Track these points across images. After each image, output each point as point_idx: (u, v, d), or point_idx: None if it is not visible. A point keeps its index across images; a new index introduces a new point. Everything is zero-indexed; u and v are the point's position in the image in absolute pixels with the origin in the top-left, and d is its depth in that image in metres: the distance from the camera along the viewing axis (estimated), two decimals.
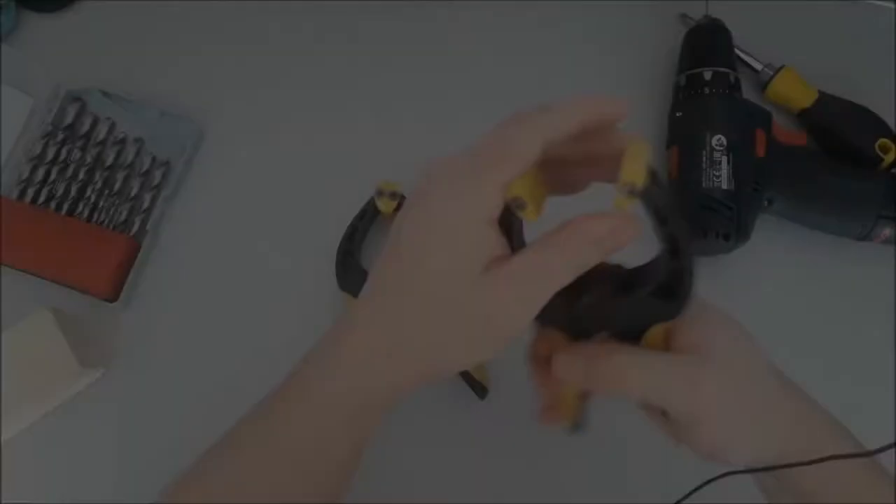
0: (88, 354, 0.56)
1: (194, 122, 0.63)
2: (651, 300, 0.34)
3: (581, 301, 0.35)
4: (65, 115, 0.63)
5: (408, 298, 0.32)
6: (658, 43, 0.68)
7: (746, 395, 0.35)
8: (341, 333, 0.34)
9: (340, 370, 0.34)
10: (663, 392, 0.35)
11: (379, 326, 0.33)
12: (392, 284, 0.33)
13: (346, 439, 0.35)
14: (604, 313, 0.35)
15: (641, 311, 0.35)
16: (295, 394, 0.35)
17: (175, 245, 0.62)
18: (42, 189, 0.61)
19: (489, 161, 0.31)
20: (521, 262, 0.31)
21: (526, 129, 0.31)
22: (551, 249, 0.31)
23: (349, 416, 0.34)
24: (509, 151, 0.30)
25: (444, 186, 0.31)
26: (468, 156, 0.31)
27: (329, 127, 0.65)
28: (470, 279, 0.31)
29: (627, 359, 0.35)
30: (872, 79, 0.67)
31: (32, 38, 0.66)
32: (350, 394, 0.34)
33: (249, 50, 0.67)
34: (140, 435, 0.57)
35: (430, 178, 0.32)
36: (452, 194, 0.31)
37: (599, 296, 0.35)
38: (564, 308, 0.35)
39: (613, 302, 0.35)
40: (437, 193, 0.31)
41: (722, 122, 0.59)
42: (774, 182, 0.59)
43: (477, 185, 0.30)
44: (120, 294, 0.58)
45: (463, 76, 0.67)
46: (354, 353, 0.33)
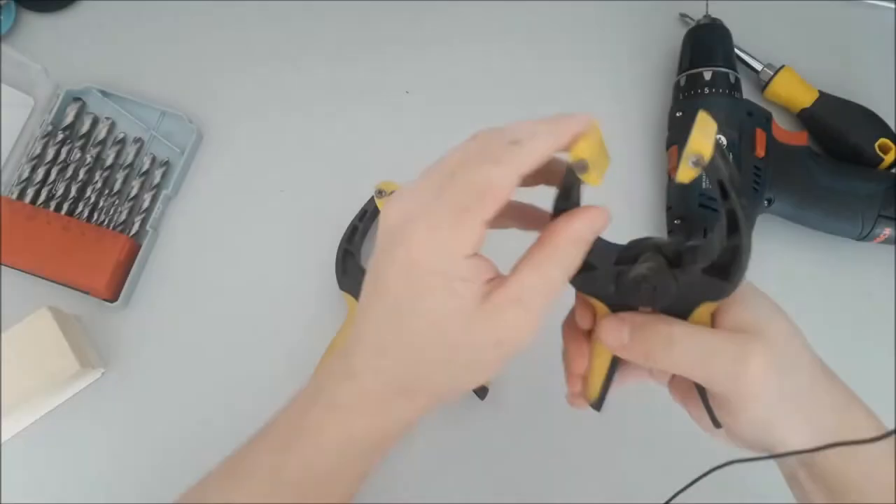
0: (88, 354, 0.56)
1: (194, 122, 0.63)
2: (705, 277, 0.34)
3: (633, 271, 0.35)
4: (65, 115, 0.63)
5: (409, 342, 0.32)
6: (658, 43, 0.68)
7: (794, 378, 0.35)
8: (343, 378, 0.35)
9: (353, 414, 0.34)
10: (710, 366, 0.34)
11: (385, 373, 0.33)
12: (388, 331, 0.33)
13: (357, 474, 0.37)
14: (654, 286, 0.35)
15: (693, 287, 0.35)
16: (308, 432, 0.35)
17: (175, 245, 0.62)
18: (42, 189, 0.61)
19: (469, 204, 0.30)
20: (521, 284, 0.32)
21: (503, 170, 0.31)
22: (546, 263, 0.32)
23: (362, 453, 0.36)
24: (489, 194, 0.30)
25: (423, 232, 0.31)
26: (443, 199, 0.31)
27: (329, 127, 0.65)
28: (471, 313, 0.31)
29: (676, 329, 0.35)
30: (872, 79, 0.67)
31: (32, 38, 0.66)
32: (366, 435, 0.35)
33: (249, 50, 0.67)
34: (139, 435, 0.57)
35: (407, 223, 0.31)
36: (435, 240, 0.31)
37: (653, 267, 0.34)
38: (612, 278, 0.35)
39: (666, 275, 0.34)
40: (418, 239, 0.31)
41: (722, 122, 0.58)
42: (774, 182, 0.59)
43: (460, 229, 0.31)
44: (120, 294, 0.58)
45: (463, 75, 0.67)
46: (364, 398, 0.34)
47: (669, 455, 0.55)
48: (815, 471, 0.37)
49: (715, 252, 0.34)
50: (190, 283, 0.61)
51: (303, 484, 0.35)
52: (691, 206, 0.58)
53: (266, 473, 0.35)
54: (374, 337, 0.33)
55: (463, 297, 0.31)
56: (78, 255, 0.58)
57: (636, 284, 0.35)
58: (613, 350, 0.37)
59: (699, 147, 0.30)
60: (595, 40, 0.68)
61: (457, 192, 0.31)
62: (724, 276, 0.34)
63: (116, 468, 0.56)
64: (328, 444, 0.35)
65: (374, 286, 0.33)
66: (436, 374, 0.33)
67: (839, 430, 0.35)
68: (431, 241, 0.31)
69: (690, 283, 0.34)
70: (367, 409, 0.34)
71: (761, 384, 0.34)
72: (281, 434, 0.36)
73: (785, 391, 0.35)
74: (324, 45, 0.68)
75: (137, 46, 0.67)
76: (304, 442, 0.35)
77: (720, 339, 0.35)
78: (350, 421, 0.35)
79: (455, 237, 0.31)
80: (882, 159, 0.61)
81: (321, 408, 0.35)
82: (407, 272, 0.31)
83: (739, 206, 0.32)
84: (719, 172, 0.31)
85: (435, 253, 0.31)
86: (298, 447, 0.35)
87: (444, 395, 0.35)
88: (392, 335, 0.33)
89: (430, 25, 0.69)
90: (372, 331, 0.33)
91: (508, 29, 0.68)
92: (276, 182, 0.63)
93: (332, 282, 0.59)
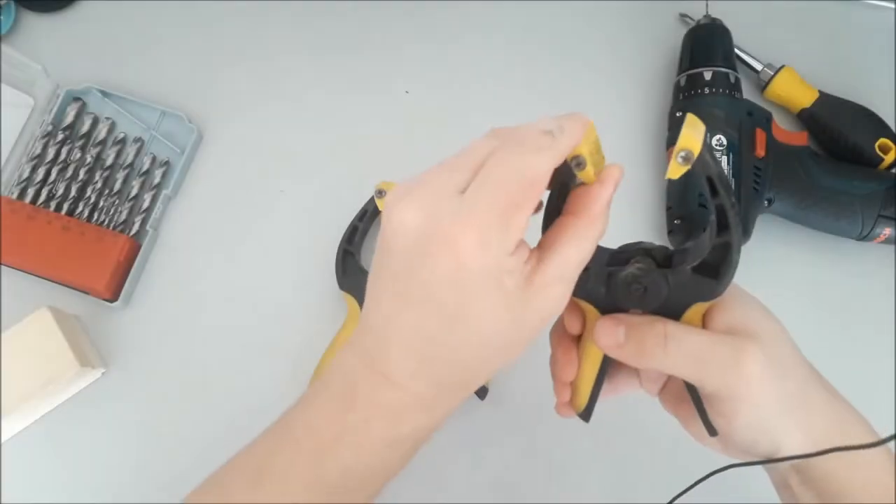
0: (88, 354, 0.56)
1: (194, 122, 0.63)
2: (695, 276, 0.34)
3: (624, 272, 0.35)
4: (65, 115, 0.63)
5: (457, 346, 0.32)
6: (658, 43, 0.68)
7: (787, 380, 0.35)
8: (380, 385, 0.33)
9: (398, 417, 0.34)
10: (705, 365, 0.34)
11: (432, 378, 0.33)
12: (433, 339, 0.32)
13: (393, 472, 0.36)
14: (645, 286, 0.35)
15: (684, 287, 0.35)
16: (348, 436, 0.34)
17: (175, 245, 0.62)
18: (42, 189, 0.61)
19: (518, 200, 0.30)
20: (564, 260, 0.32)
21: (544, 157, 0.30)
22: (584, 235, 0.32)
23: (403, 453, 0.36)
24: (535, 184, 0.30)
25: (472, 237, 0.29)
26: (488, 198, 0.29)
27: (329, 127, 0.65)
28: (518, 301, 0.31)
29: (671, 328, 0.35)
30: (872, 79, 0.67)
31: (32, 38, 0.66)
32: (410, 435, 0.35)
33: (249, 50, 0.67)
34: (140, 435, 0.57)
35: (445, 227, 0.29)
36: (486, 244, 0.29)
37: (643, 268, 0.35)
38: (603, 280, 0.35)
39: (656, 275, 0.35)
40: (467, 245, 0.29)
41: (722, 122, 0.59)
42: (774, 182, 0.59)
43: (510, 228, 0.30)
44: (120, 294, 0.58)
45: (463, 75, 0.67)
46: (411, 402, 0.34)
47: (670, 458, 0.55)
48: (807, 476, 0.37)
49: (705, 250, 0.34)
50: (190, 283, 0.61)
51: (340, 486, 0.35)
52: (691, 206, 0.58)
53: (301, 478, 0.34)
54: (415, 346, 0.32)
55: (510, 290, 0.31)
56: (78, 255, 0.58)
57: (626, 286, 0.35)
58: (609, 351, 0.36)
59: (688, 143, 0.30)
60: (595, 40, 0.68)
61: (498, 188, 0.30)
62: (714, 275, 0.34)
63: (116, 468, 0.56)
64: (372, 447, 0.34)
65: (406, 293, 0.31)
66: (484, 368, 0.34)
67: (831, 433, 0.36)
68: (482, 248, 0.29)
69: (681, 283, 0.35)
70: (414, 411, 0.34)
71: (757, 383, 0.34)
72: (313, 437, 0.35)
73: (779, 392, 0.35)
74: (324, 46, 0.67)
75: (137, 46, 0.67)
76: (345, 446, 0.34)
77: (715, 338, 0.35)
78: (396, 424, 0.34)
79: (506, 238, 0.30)
80: (882, 159, 0.61)
81: (362, 411, 0.34)
82: (454, 279, 0.30)
83: (729, 203, 0.32)
84: (708, 168, 0.31)
85: (486, 256, 0.29)
86: (340, 451, 0.34)
87: (490, 376, 0.35)
88: (439, 343, 0.32)
89: (431, 25, 0.69)
90: (411, 340, 0.32)
91: (509, 29, 0.68)
92: (276, 182, 0.63)
93: (332, 282, 0.59)
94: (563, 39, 0.68)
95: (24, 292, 0.58)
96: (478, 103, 0.65)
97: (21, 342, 0.53)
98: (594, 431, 0.56)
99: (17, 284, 0.59)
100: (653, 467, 0.56)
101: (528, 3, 0.69)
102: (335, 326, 0.58)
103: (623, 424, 0.56)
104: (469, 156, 0.31)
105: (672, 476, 0.39)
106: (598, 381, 0.38)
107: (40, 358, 0.53)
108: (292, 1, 0.68)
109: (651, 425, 0.56)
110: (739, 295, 0.36)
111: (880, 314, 0.61)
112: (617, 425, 0.56)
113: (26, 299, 0.57)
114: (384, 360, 0.33)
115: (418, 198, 0.30)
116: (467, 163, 0.30)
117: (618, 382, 0.41)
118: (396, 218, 0.30)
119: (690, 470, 0.38)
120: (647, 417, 0.55)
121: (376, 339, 0.33)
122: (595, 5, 0.69)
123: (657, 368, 0.36)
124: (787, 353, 0.36)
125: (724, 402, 0.35)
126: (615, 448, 0.57)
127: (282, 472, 0.35)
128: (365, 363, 0.34)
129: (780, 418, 0.35)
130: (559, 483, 0.56)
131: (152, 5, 0.68)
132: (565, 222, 0.33)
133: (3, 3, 0.65)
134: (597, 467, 0.57)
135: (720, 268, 0.34)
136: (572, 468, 0.56)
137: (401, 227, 0.30)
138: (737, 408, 0.35)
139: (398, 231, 0.30)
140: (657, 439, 0.56)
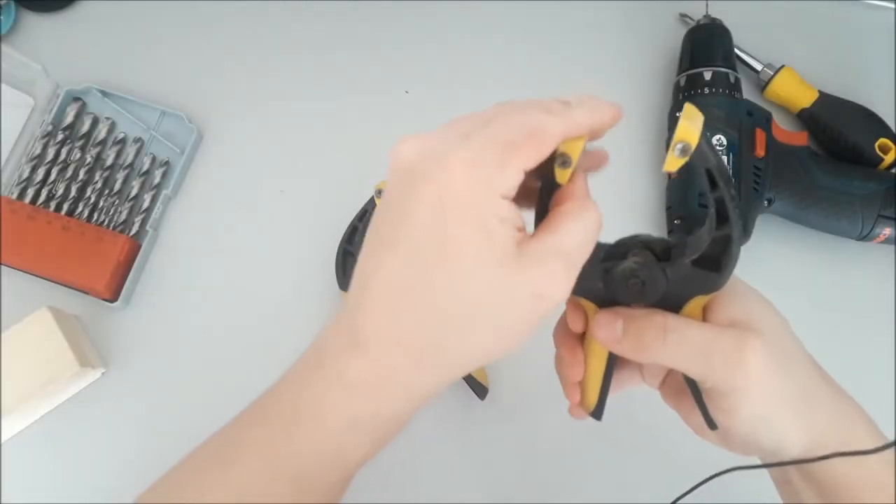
0: (88, 354, 0.56)
1: (194, 122, 0.63)
2: (694, 270, 0.34)
3: (621, 266, 0.34)
4: (65, 115, 0.63)
5: (430, 299, 0.28)
6: (658, 43, 0.68)
7: (790, 374, 0.35)
8: (348, 349, 0.30)
9: (361, 392, 0.30)
10: (707, 358, 0.33)
11: (399, 340, 0.29)
12: (406, 286, 0.28)
13: (361, 457, 0.33)
14: (643, 280, 0.34)
15: (683, 281, 0.34)
16: (309, 413, 0.31)
17: (175, 245, 0.62)
18: (42, 189, 0.61)
19: (518, 141, 0.28)
20: (568, 234, 0.30)
21: (555, 118, 0.29)
22: (579, 215, 0.30)
23: (369, 436, 0.32)
24: (540, 135, 0.28)
25: (461, 166, 0.27)
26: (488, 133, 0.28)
27: (329, 127, 0.65)
28: (506, 259, 0.28)
29: (671, 320, 0.34)
30: (872, 79, 0.67)
31: (32, 38, 0.66)
32: (375, 415, 0.31)
33: (249, 50, 0.67)
34: (140, 435, 0.57)
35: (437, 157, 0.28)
36: (476, 175, 0.27)
37: (640, 262, 0.34)
38: (600, 275, 0.35)
39: (655, 268, 0.34)
40: (454, 173, 0.27)
41: (722, 122, 0.59)
42: (774, 182, 0.59)
43: (505, 165, 0.28)
44: (120, 294, 0.58)
45: (463, 76, 0.67)
46: (374, 373, 0.30)
47: (671, 459, 0.55)
48: (808, 472, 0.36)
49: (704, 243, 0.33)
50: (190, 283, 0.61)
51: (303, 469, 0.32)
52: (691, 206, 0.58)
53: (262, 459, 0.32)
54: (385, 296, 0.29)
55: (498, 240, 0.28)
56: (78, 255, 0.58)
57: (624, 279, 0.34)
58: (607, 345, 0.36)
59: (686, 135, 0.29)
60: (595, 40, 0.68)
61: (505, 127, 0.28)
62: (714, 268, 0.33)
63: (116, 468, 0.56)
64: (332, 426, 0.31)
65: (384, 236, 0.29)
66: (459, 337, 0.29)
67: (834, 429, 0.35)
68: (472, 176, 0.27)
69: (680, 276, 0.34)
70: (377, 385, 0.30)
71: (760, 376, 0.33)
72: (277, 415, 0.32)
73: (781, 386, 0.34)
74: (324, 46, 0.68)
75: (137, 46, 0.67)
76: (306, 424, 0.31)
77: (716, 331, 0.34)
78: (357, 400, 0.31)
79: (499, 174, 0.28)
80: (882, 159, 0.61)
81: (324, 385, 0.31)
82: (435, 210, 0.27)
83: (729, 195, 0.31)
84: (707, 160, 0.30)
85: (474, 189, 0.27)
86: (299, 430, 0.31)
87: (466, 364, 0.31)
88: (410, 291, 0.28)
89: (431, 25, 0.69)
90: (383, 289, 0.29)
91: (509, 29, 0.68)
92: (276, 182, 0.63)
93: (332, 282, 0.59)
94: (562, 39, 0.68)
95: (24, 292, 0.58)
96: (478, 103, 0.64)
97: (21, 342, 0.53)
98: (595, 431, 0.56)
99: (17, 284, 0.59)
100: (654, 467, 0.56)
101: (528, 3, 0.69)
102: None
103: (624, 424, 0.56)
104: (479, 114, 0.30)
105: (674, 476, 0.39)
106: (607, 378, 0.38)
107: (40, 358, 0.53)
108: (292, 1, 0.68)
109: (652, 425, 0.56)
110: (741, 288, 0.36)
111: (880, 314, 0.61)
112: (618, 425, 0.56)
113: (26, 299, 0.57)
114: (358, 320, 0.30)
115: (421, 137, 0.29)
116: (475, 117, 0.30)
117: (621, 377, 0.40)
118: (395, 153, 0.29)
119: (692, 470, 0.38)
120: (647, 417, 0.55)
121: (352, 294, 0.30)
122: (595, 5, 0.69)
123: (657, 362, 0.35)
124: (790, 347, 0.36)
125: (725, 397, 0.34)
126: (616, 448, 0.57)
127: (245, 455, 0.32)
128: (338, 328, 0.31)
129: (782, 412, 0.35)
130: (559, 483, 0.56)
131: (152, 5, 0.68)
132: (559, 209, 0.31)
133: (3, 3, 0.65)
134: (598, 468, 0.57)
135: (721, 260, 0.33)
136: (573, 468, 0.56)
137: (396, 161, 0.29)
138: (738, 402, 0.34)
139: (393, 167, 0.29)
140: (659, 439, 0.56)
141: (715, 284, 0.34)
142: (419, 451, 0.56)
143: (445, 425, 0.57)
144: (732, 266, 0.33)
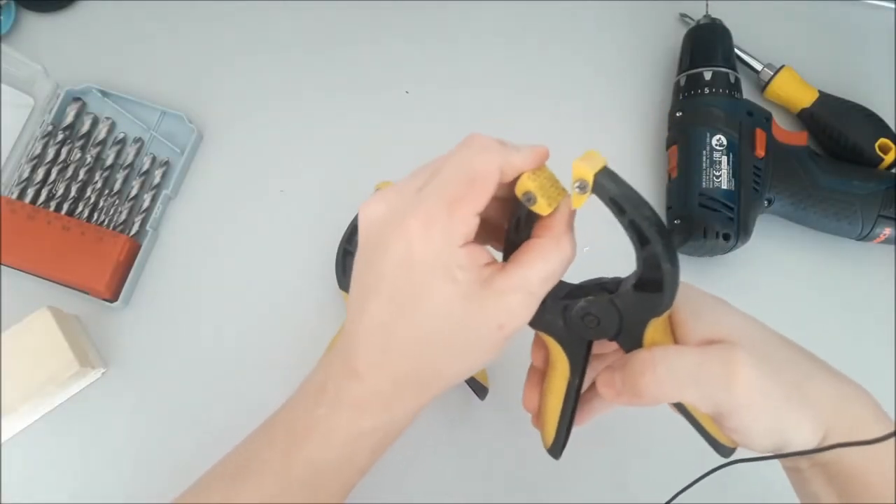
0: (88, 354, 0.56)
1: (194, 122, 0.63)
2: (639, 294, 0.35)
3: (577, 305, 0.36)
4: (65, 115, 0.63)
5: (413, 336, 0.33)
6: (658, 43, 0.68)
7: (782, 373, 0.35)
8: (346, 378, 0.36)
9: (361, 412, 0.36)
10: (699, 381, 0.34)
11: (391, 370, 0.35)
12: (390, 327, 0.33)
13: (362, 467, 0.38)
14: (598, 317, 0.36)
15: (633, 308, 0.35)
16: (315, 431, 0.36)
17: (175, 245, 0.62)
18: (42, 189, 0.61)
19: (459, 194, 0.32)
20: (530, 271, 0.33)
21: (488, 156, 0.32)
22: (547, 251, 0.33)
23: (369, 448, 0.37)
24: (477, 181, 0.32)
25: (418, 226, 0.32)
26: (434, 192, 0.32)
27: (329, 127, 0.65)
28: (472, 297, 0.32)
29: (656, 353, 0.35)
30: (872, 79, 0.67)
31: (32, 38, 0.66)
32: (374, 430, 0.36)
33: (249, 50, 0.67)
34: (140, 435, 0.57)
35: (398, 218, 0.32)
36: (432, 233, 0.32)
37: (592, 300, 0.36)
38: (559, 312, 0.36)
39: (605, 303, 0.35)
40: (414, 232, 0.32)
41: (722, 122, 0.59)
42: (774, 182, 0.59)
43: (454, 219, 0.32)
44: (120, 294, 0.58)
45: (463, 75, 0.67)
46: (372, 396, 0.35)
47: (670, 455, 0.55)
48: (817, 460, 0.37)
49: (639, 268, 0.34)
50: (190, 283, 0.61)
51: (310, 481, 0.37)
52: (691, 206, 0.58)
53: (273, 472, 0.37)
54: (374, 335, 0.34)
55: (462, 283, 0.32)
56: (78, 255, 0.58)
57: (581, 318, 0.36)
58: (612, 401, 0.36)
59: (580, 173, 0.32)
60: (595, 40, 0.68)
61: (446, 182, 0.32)
62: (657, 289, 0.34)
63: (116, 468, 0.56)
64: (336, 442, 0.36)
65: (367, 284, 0.34)
66: (441, 362, 0.34)
67: (837, 412, 0.35)
68: (428, 234, 0.32)
69: (629, 304, 0.35)
70: (375, 406, 0.36)
71: (754, 387, 0.34)
72: (286, 433, 0.37)
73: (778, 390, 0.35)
74: (324, 46, 0.68)
75: (137, 46, 0.67)
76: (312, 441, 0.36)
77: (699, 351, 0.35)
78: (358, 418, 0.36)
79: (450, 228, 0.32)
80: (882, 159, 0.61)
81: (328, 406, 0.36)
82: (404, 266, 0.32)
83: (641, 215, 0.32)
84: (607, 192, 0.32)
85: (432, 245, 0.32)
86: (306, 446, 0.36)
87: (449, 381, 0.36)
88: (394, 331, 0.33)
89: (431, 25, 0.69)
90: (371, 329, 0.34)
91: (508, 29, 0.68)
92: (276, 182, 0.63)
93: (332, 282, 0.59)
94: (563, 40, 0.68)
95: (24, 292, 0.58)
96: (478, 103, 0.65)
97: (21, 342, 0.53)
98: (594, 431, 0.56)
99: (17, 284, 0.59)
100: (654, 466, 0.56)
101: (528, 3, 0.69)
102: (335, 326, 0.58)
103: (622, 424, 0.56)
104: (433, 163, 0.34)
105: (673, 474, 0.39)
106: (564, 416, 0.38)
107: (40, 358, 0.53)
108: (292, 1, 0.68)
109: (652, 424, 0.56)
110: (706, 301, 0.36)
111: (880, 314, 0.61)
112: (616, 425, 0.56)
113: (26, 299, 0.57)
114: (354, 352, 0.35)
115: (384, 196, 0.34)
116: (430, 167, 0.33)
117: (591, 406, 0.41)
118: (363, 213, 0.34)
119: (690, 468, 0.38)
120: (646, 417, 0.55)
121: (348, 332, 0.35)
122: (595, 5, 0.69)
123: (657, 401, 0.35)
124: (772, 346, 0.36)
125: (731, 417, 0.35)
126: (615, 448, 0.57)
127: (258, 469, 0.37)
128: (340, 359, 0.36)
129: (787, 412, 0.35)
130: (559, 483, 0.56)
131: (152, 5, 0.68)
132: (530, 243, 0.34)
133: (3, 3, 0.65)
134: (597, 467, 0.57)
135: (660, 280, 0.34)
136: (572, 468, 0.56)
137: (366, 220, 0.34)
138: (744, 418, 0.34)
139: (364, 225, 0.34)
140: (657, 438, 0.56)
141: (661, 304, 0.34)
142: (419, 450, 0.56)
143: (445, 425, 0.57)
144: (672, 282, 0.34)
